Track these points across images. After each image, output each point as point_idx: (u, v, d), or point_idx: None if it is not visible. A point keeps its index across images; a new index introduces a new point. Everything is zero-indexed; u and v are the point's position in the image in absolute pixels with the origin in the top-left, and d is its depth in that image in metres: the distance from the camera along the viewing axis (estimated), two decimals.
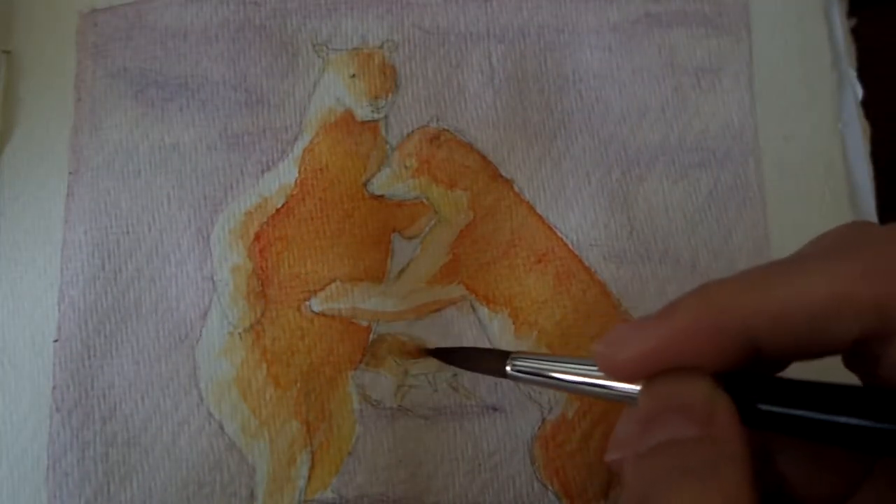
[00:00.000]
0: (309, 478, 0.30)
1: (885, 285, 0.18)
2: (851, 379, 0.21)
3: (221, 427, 0.30)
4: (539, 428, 0.30)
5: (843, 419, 0.18)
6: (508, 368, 0.25)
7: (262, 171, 0.32)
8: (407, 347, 0.31)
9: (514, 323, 0.31)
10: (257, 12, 0.34)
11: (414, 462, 0.30)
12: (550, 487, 0.30)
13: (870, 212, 0.32)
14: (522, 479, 0.30)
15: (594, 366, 0.22)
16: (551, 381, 0.23)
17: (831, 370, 0.20)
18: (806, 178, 0.32)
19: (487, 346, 0.31)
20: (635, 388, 0.21)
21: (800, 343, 0.19)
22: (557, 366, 0.23)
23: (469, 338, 0.31)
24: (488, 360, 0.26)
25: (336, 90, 0.33)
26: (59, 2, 0.35)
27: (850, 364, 0.20)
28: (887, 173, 0.33)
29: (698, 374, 0.19)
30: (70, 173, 0.33)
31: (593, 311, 0.31)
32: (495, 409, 0.30)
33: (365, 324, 0.31)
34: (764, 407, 0.19)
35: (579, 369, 0.22)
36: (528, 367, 0.24)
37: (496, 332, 0.31)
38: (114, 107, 0.33)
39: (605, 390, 0.22)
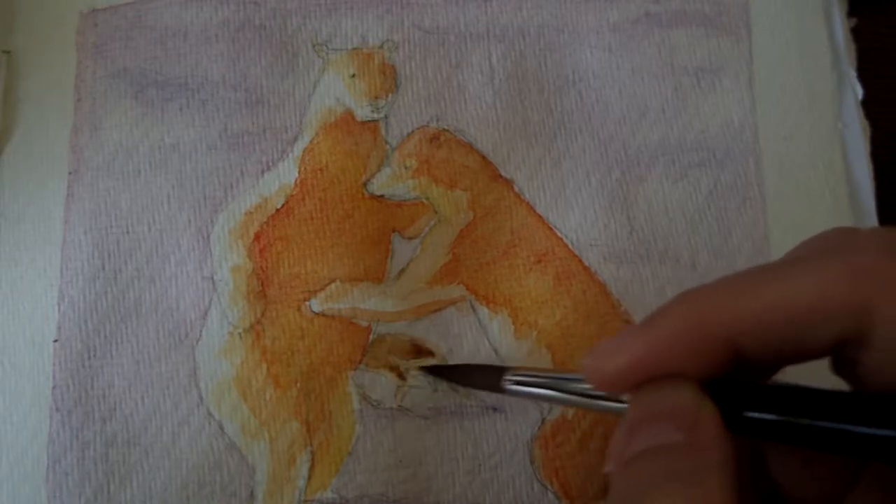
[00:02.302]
0: (309, 478, 0.30)
1: (865, 291, 0.18)
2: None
3: (221, 427, 0.30)
4: (539, 428, 0.30)
5: (825, 424, 0.18)
6: (505, 384, 0.25)
7: (262, 171, 0.32)
8: (406, 348, 0.31)
9: (513, 323, 0.31)
10: (257, 12, 0.34)
11: (414, 462, 0.30)
12: (550, 487, 0.30)
13: (870, 212, 0.32)
14: (522, 479, 0.30)
15: None
16: (547, 395, 0.24)
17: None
18: (806, 178, 0.32)
19: (487, 346, 0.31)
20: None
21: (780, 348, 0.19)
22: (553, 381, 0.24)
23: (469, 338, 0.31)
24: (485, 376, 0.27)
25: (336, 90, 0.33)
26: (59, 2, 0.34)
27: (836, 369, 0.20)
28: (887, 173, 0.33)
29: (683, 382, 0.19)
30: (70, 173, 0.33)
31: (593, 311, 0.31)
32: (495, 410, 0.30)
33: (365, 324, 0.31)
34: (748, 414, 0.19)
35: (574, 385, 0.23)
36: (524, 382, 0.25)
37: (496, 332, 0.31)
38: (114, 107, 0.33)
39: (599, 403, 0.22)
